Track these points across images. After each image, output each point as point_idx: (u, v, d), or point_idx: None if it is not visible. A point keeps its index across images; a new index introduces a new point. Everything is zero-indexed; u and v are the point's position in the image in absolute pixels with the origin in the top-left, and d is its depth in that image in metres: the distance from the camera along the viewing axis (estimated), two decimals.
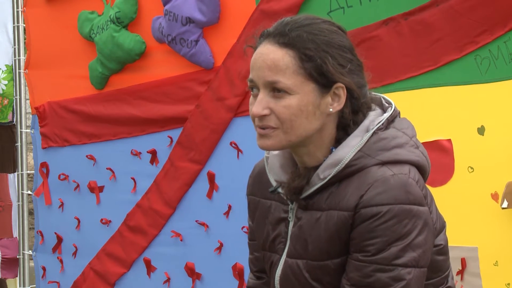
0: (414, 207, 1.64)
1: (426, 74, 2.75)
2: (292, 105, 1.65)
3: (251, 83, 1.70)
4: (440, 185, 2.71)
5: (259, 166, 1.93)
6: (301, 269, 1.73)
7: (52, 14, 4.14)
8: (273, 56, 1.66)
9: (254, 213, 1.91)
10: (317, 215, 1.71)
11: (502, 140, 2.59)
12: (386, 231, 1.62)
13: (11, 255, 4.69)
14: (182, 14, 3.36)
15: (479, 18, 2.60)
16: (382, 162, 1.67)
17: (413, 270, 1.63)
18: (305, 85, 1.66)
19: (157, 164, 3.65)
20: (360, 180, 1.66)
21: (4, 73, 4.64)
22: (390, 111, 1.74)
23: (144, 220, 3.71)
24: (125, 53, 3.67)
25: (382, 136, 1.69)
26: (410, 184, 1.65)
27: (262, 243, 1.86)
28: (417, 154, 1.72)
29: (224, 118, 3.34)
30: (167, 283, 3.67)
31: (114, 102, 3.83)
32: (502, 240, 2.60)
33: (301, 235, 1.73)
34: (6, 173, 4.75)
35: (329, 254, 1.69)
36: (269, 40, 1.68)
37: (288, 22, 1.69)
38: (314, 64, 1.65)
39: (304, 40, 1.66)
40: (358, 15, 2.88)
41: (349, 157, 1.67)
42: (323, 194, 1.71)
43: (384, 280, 1.62)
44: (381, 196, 1.63)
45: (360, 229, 1.64)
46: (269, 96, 1.67)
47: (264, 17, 3.09)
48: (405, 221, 1.62)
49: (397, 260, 1.62)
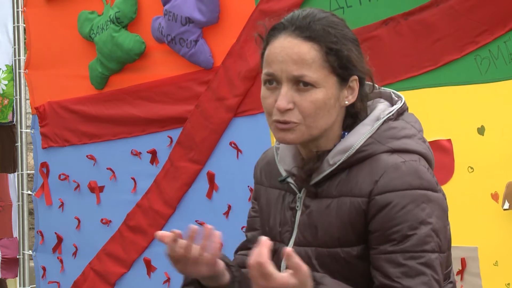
0: (428, 192, 1.64)
1: (426, 74, 2.75)
2: (319, 99, 1.66)
3: (270, 77, 1.68)
4: (440, 185, 2.70)
5: (268, 155, 1.91)
6: (309, 256, 1.72)
7: (52, 14, 4.14)
8: (298, 50, 1.65)
9: (259, 201, 1.90)
10: (327, 202, 1.70)
11: (502, 140, 2.59)
12: (407, 216, 1.61)
13: (11, 255, 4.68)
14: (181, 14, 3.36)
15: (479, 18, 2.60)
16: (392, 149, 1.67)
17: (438, 256, 1.63)
18: (329, 78, 1.67)
19: (157, 164, 3.65)
20: (372, 166, 1.66)
21: (4, 73, 4.64)
22: (400, 103, 1.76)
23: (144, 220, 3.71)
24: (125, 53, 3.67)
25: (392, 126, 1.71)
26: (422, 170, 1.65)
27: (268, 232, 1.84)
28: (424, 147, 1.73)
29: (224, 118, 3.34)
30: (167, 283, 3.67)
31: (114, 102, 3.83)
32: (502, 240, 2.60)
33: (310, 223, 1.72)
34: (6, 173, 4.75)
35: (340, 241, 1.68)
36: (289, 33, 1.67)
37: (306, 15, 1.69)
38: (339, 57, 1.67)
39: (328, 33, 1.66)
40: (358, 15, 2.87)
41: (360, 143, 1.68)
42: (333, 181, 1.70)
43: (417, 267, 1.61)
44: (395, 182, 1.63)
45: (380, 219, 1.63)
46: (293, 90, 1.66)
47: (264, 17, 3.04)
48: (422, 205, 1.62)
49: (425, 246, 1.61)
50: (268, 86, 1.69)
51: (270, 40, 1.70)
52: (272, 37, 1.70)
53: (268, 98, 1.69)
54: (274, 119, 1.68)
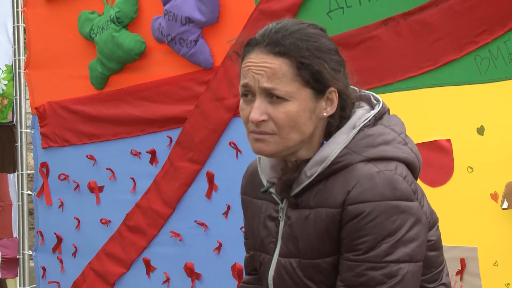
0: (402, 202, 1.64)
1: (426, 74, 2.74)
2: (291, 111, 1.67)
3: (246, 88, 1.70)
4: (440, 185, 2.71)
5: (252, 166, 1.95)
6: (294, 268, 1.73)
7: (52, 14, 4.14)
8: (270, 65, 1.67)
9: (246, 212, 1.92)
10: (306, 213, 1.72)
11: (502, 140, 2.58)
12: (375, 229, 1.62)
13: (11, 255, 4.68)
14: (181, 14, 3.36)
15: (478, 18, 2.60)
16: (368, 159, 1.68)
17: (406, 265, 1.63)
18: (301, 91, 1.67)
19: (156, 164, 3.65)
20: (347, 177, 1.67)
21: (4, 73, 4.64)
22: (377, 108, 1.75)
23: (143, 220, 3.71)
24: (125, 53, 3.67)
25: (369, 133, 1.71)
26: (397, 180, 1.65)
27: (253, 243, 1.87)
28: (404, 150, 1.72)
29: (223, 118, 3.34)
30: (167, 283, 3.67)
31: (114, 102, 3.83)
32: (502, 240, 2.59)
33: (292, 234, 1.74)
34: (6, 173, 4.75)
35: (320, 253, 1.70)
36: (261, 49, 1.69)
37: (278, 30, 1.70)
38: (310, 72, 1.67)
39: (298, 48, 1.67)
40: (357, 15, 2.87)
41: (335, 154, 1.69)
42: (311, 192, 1.72)
43: (377, 278, 1.62)
44: (367, 193, 1.63)
45: (349, 228, 1.65)
46: (266, 102, 1.68)
47: (264, 17, 3.08)
48: (393, 217, 1.63)
49: (388, 257, 1.62)
50: (245, 98, 1.72)
51: (245, 56, 1.72)
52: (247, 52, 1.72)
53: (244, 110, 1.71)
54: (250, 129, 1.70)
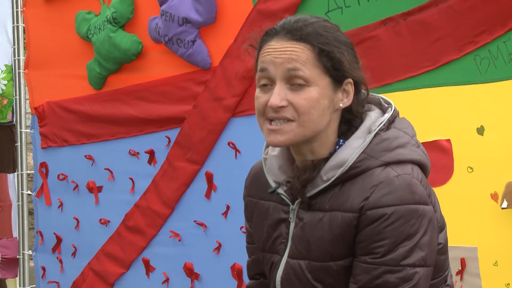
0: (420, 206, 1.64)
1: (425, 74, 2.74)
2: (313, 97, 1.66)
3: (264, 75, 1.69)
4: (440, 185, 2.70)
5: (255, 167, 1.93)
6: (303, 269, 1.72)
7: (52, 14, 4.14)
8: (292, 50, 1.66)
9: (251, 215, 1.90)
10: (319, 216, 1.70)
11: (502, 140, 2.58)
12: (394, 232, 1.62)
13: (11, 255, 4.69)
14: (178, 15, 3.35)
15: (478, 18, 2.59)
16: (386, 163, 1.67)
17: (421, 270, 1.64)
18: (322, 78, 1.67)
19: (155, 164, 3.65)
20: (364, 182, 1.66)
21: (4, 73, 4.64)
22: (390, 111, 1.75)
23: (142, 220, 3.71)
24: (122, 53, 3.66)
25: (385, 137, 1.70)
26: (415, 184, 1.65)
27: (261, 245, 1.85)
28: (419, 153, 1.73)
29: (222, 118, 3.33)
30: (166, 283, 3.66)
31: (112, 102, 3.83)
32: (502, 240, 2.59)
33: (303, 236, 1.73)
34: (6, 173, 4.75)
35: (332, 256, 1.69)
36: (281, 36, 1.68)
37: (297, 20, 1.70)
38: (331, 59, 1.67)
39: (319, 35, 1.67)
40: (356, 15, 2.87)
41: (353, 159, 1.68)
42: (326, 195, 1.70)
43: (393, 281, 1.62)
44: (387, 197, 1.63)
45: (367, 232, 1.64)
46: (285, 88, 1.67)
47: (261, 17, 3.08)
48: (412, 221, 1.63)
49: (405, 261, 1.62)
50: (262, 87, 1.70)
51: (262, 45, 1.71)
52: (265, 42, 1.71)
53: (261, 97, 1.70)
54: (268, 116, 1.68)
